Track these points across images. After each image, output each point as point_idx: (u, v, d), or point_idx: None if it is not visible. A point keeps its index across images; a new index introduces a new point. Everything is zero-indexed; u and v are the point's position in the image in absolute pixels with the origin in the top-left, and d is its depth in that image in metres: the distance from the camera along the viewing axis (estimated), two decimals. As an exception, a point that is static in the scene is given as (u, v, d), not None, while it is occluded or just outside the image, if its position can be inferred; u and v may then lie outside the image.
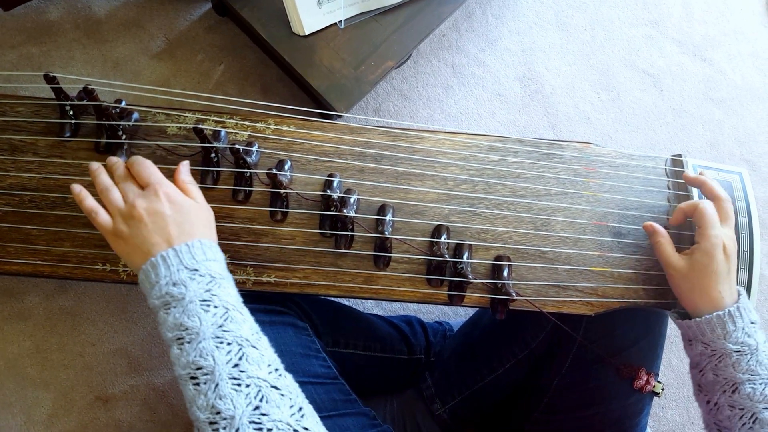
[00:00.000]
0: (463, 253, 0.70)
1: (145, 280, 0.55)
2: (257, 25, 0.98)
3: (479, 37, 1.28)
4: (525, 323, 0.81)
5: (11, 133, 0.72)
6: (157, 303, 0.53)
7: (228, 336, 0.51)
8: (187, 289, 0.52)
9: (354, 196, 0.70)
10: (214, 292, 0.53)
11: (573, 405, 0.78)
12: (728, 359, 0.62)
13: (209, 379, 0.49)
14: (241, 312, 0.54)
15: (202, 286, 0.53)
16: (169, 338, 0.52)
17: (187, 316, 0.51)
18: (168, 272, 0.53)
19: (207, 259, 0.56)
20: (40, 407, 0.96)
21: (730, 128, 1.31)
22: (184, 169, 0.63)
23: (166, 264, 0.54)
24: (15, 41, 1.10)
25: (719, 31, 1.39)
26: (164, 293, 0.53)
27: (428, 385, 0.87)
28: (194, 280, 0.53)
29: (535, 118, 1.25)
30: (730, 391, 0.62)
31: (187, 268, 0.54)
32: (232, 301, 0.54)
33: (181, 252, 0.54)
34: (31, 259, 0.69)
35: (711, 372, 0.64)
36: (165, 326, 0.53)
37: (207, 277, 0.54)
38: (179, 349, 0.51)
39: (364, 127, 0.75)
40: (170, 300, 0.53)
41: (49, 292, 1.01)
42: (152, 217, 0.56)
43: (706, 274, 0.64)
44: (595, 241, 0.73)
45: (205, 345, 0.50)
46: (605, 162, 0.77)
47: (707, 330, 0.64)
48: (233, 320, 0.52)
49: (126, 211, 0.57)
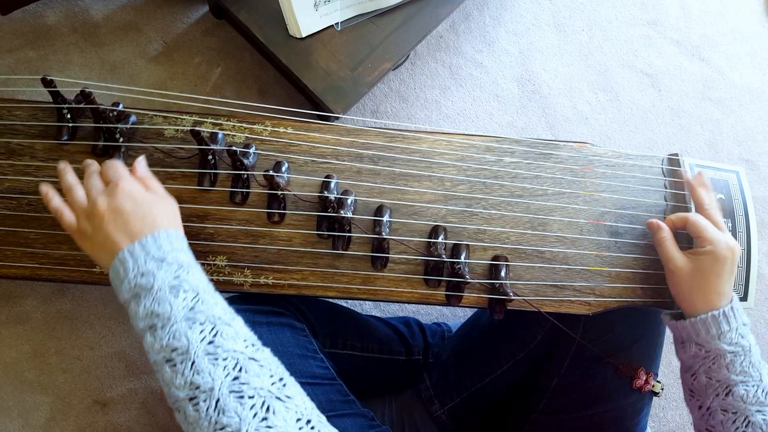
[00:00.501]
0: (460, 254, 0.70)
1: (115, 277, 0.54)
2: (254, 27, 0.98)
3: (477, 38, 1.28)
4: (523, 323, 0.81)
5: (9, 136, 0.72)
6: (127, 297, 0.53)
7: (200, 316, 0.51)
8: (155, 278, 0.52)
9: (351, 197, 0.70)
10: (183, 278, 0.53)
11: (572, 405, 0.77)
12: (722, 360, 0.62)
13: (185, 357, 0.48)
14: (213, 296, 0.54)
15: (170, 273, 0.53)
16: (141, 328, 0.52)
17: (158, 303, 0.51)
18: (135, 264, 0.53)
19: (173, 249, 0.55)
20: (38, 411, 0.96)
21: (729, 128, 1.31)
22: (140, 165, 0.63)
23: (134, 257, 0.53)
24: (12, 45, 1.10)
25: (717, 30, 1.39)
26: (133, 285, 0.52)
27: (427, 386, 0.87)
28: (161, 269, 0.53)
29: (532, 119, 1.25)
30: (723, 394, 0.62)
31: (154, 259, 0.53)
32: (202, 285, 0.54)
33: (147, 243, 0.54)
34: (29, 263, 0.69)
35: (704, 375, 0.63)
36: (136, 317, 0.52)
37: (174, 264, 0.54)
38: (152, 337, 0.50)
39: (361, 128, 0.75)
40: (139, 291, 0.52)
41: (46, 295, 1.00)
42: (113, 214, 0.56)
43: (711, 276, 0.64)
44: (593, 241, 0.73)
45: (177, 327, 0.50)
46: (602, 162, 0.77)
47: (702, 330, 0.63)
48: (205, 302, 0.52)
49: (88, 209, 0.57)
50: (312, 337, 0.75)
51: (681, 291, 0.66)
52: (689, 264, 0.66)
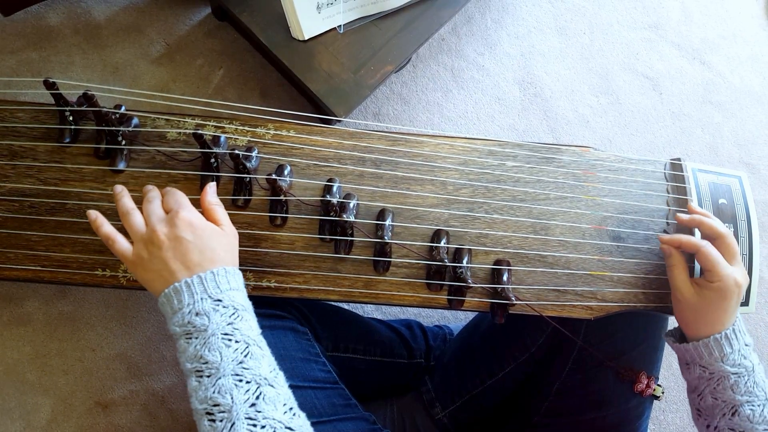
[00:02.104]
0: (462, 258, 0.70)
1: (167, 304, 0.54)
2: (256, 29, 0.98)
3: (478, 41, 1.28)
4: (525, 327, 0.81)
5: (11, 138, 0.72)
6: (178, 330, 0.53)
7: (247, 374, 0.51)
8: (210, 321, 0.52)
9: (353, 201, 0.70)
10: (237, 325, 0.53)
11: (573, 409, 0.77)
12: (727, 382, 0.63)
13: (226, 417, 0.49)
14: (261, 347, 0.54)
15: (225, 318, 0.53)
16: (187, 369, 0.52)
17: (208, 350, 0.51)
18: (192, 300, 0.53)
19: (231, 289, 0.55)
20: (39, 413, 0.96)
21: (730, 131, 1.31)
22: (210, 190, 0.63)
23: (190, 291, 0.53)
24: (14, 46, 1.10)
25: (718, 34, 1.39)
26: (186, 322, 0.53)
27: (428, 389, 0.87)
28: (217, 311, 0.53)
29: (534, 122, 1.25)
30: (729, 414, 0.62)
31: (210, 298, 0.54)
32: (252, 335, 0.54)
33: (206, 280, 0.54)
34: (31, 265, 0.69)
35: (710, 395, 0.64)
36: (185, 355, 0.52)
37: (230, 308, 0.54)
38: (197, 382, 0.51)
39: (364, 131, 0.75)
40: (192, 330, 0.52)
41: (48, 297, 1.01)
42: (173, 243, 0.56)
43: (716, 309, 0.64)
44: (595, 245, 0.73)
45: (224, 382, 0.50)
46: (604, 166, 0.77)
47: (705, 353, 0.64)
48: (253, 356, 0.52)
49: (147, 236, 0.57)
50: (314, 341, 0.75)
51: (685, 317, 0.67)
52: (696, 296, 0.65)
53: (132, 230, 0.58)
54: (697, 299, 0.65)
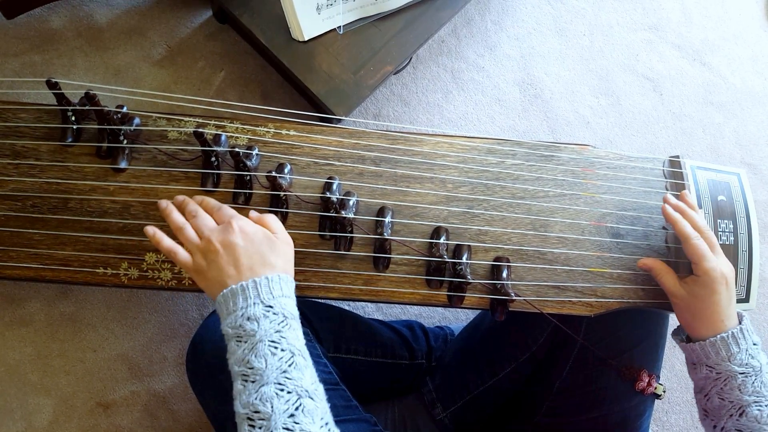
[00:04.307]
0: (462, 255, 0.70)
1: (222, 305, 0.56)
2: (257, 31, 0.99)
3: (478, 42, 1.28)
4: (526, 326, 0.81)
5: (14, 138, 0.72)
6: (230, 332, 0.55)
7: (289, 384, 0.52)
8: (259, 327, 0.54)
9: (353, 199, 0.70)
10: (284, 333, 0.55)
11: (575, 408, 0.77)
12: (734, 381, 0.63)
13: (264, 425, 0.50)
14: (305, 357, 0.56)
15: (274, 326, 0.55)
16: (235, 371, 0.54)
17: (255, 355, 0.53)
18: (245, 303, 0.55)
19: (283, 295, 0.57)
20: (41, 413, 0.96)
21: (731, 132, 1.31)
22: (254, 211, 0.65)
23: (245, 295, 0.55)
24: (18, 49, 1.11)
25: (718, 35, 1.39)
26: (238, 325, 0.54)
27: (429, 390, 0.87)
28: (267, 317, 0.55)
29: (534, 123, 1.25)
30: (737, 415, 0.62)
31: (262, 303, 0.55)
32: (298, 345, 0.56)
33: (260, 285, 0.56)
34: (33, 264, 0.70)
35: (717, 396, 0.64)
36: (234, 357, 0.54)
37: (280, 316, 0.55)
38: (242, 386, 0.53)
39: (364, 130, 0.76)
40: (242, 334, 0.54)
41: (50, 298, 1.01)
42: (226, 249, 0.58)
43: (708, 305, 0.65)
44: (594, 242, 0.73)
45: (266, 390, 0.51)
46: (603, 163, 0.77)
47: (711, 352, 0.64)
48: (297, 367, 0.54)
49: (203, 246, 0.59)
50: (316, 342, 0.75)
51: (684, 317, 0.68)
52: (688, 295, 0.66)
53: (188, 242, 0.60)
54: (689, 298, 0.66)
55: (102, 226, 0.70)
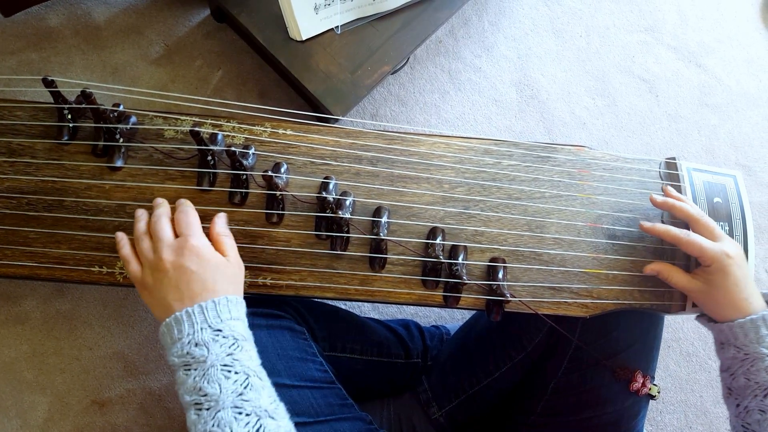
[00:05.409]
0: (458, 255, 0.70)
1: (167, 334, 0.54)
2: (255, 30, 0.99)
3: (475, 43, 1.28)
4: (521, 326, 0.81)
5: (9, 136, 0.72)
6: (176, 361, 0.53)
7: (247, 406, 0.50)
8: (209, 352, 0.52)
9: (350, 199, 0.70)
10: (236, 356, 0.53)
11: (570, 408, 0.78)
12: (761, 363, 0.63)
13: None
14: (261, 377, 0.54)
15: (225, 349, 0.52)
16: (186, 401, 0.51)
17: (207, 381, 0.50)
18: (192, 330, 0.53)
19: (231, 318, 0.55)
20: (36, 411, 0.96)
21: (726, 133, 1.32)
22: (219, 221, 0.63)
23: (191, 321, 0.53)
24: (15, 47, 1.11)
25: (714, 37, 1.40)
26: (185, 353, 0.52)
27: (425, 389, 0.87)
28: (217, 341, 0.52)
29: (531, 124, 1.25)
30: (762, 396, 0.62)
31: (210, 327, 0.53)
32: (252, 366, 0.53)
33: (207, 309, 0.54)
34: (27, 262, 0.69)
35: (743, 376, 0.64)
36: (183, 387, 0.52)
37: (230, 339, 0.53)
38: (196, 415, 0.50)
39: (361, 130, 0.76)
40: (191, 361, 0.52)
41: (46, 295, 1.01)
42: (177, 272, 0.56)
43: (726, 288, 0.65)
44: (590, 243, 0.73)
45: (223, 415, 0.49)
46: (599, 165, 0.77)
47: (740, 334, 0.64)
48: (253, 388, 0.52)
49: (153, 262, 0.57)
50: (312, 341, 0.75)
51: (708, 307, 0.68)
52: (703, 285, 0.67)
53: (141, 255, 0.59)
54: (706, 287, 0.66)
55: (97, 225, 0.70)
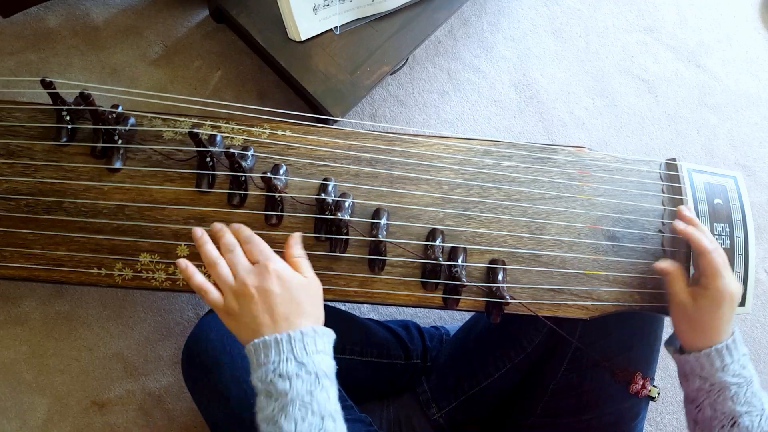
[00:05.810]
0: (457, 257, 0.70)
1: (253, 354, 0.55)
2: (254, 31, 0.99)
3: (474, 43, 1.28)
4: (521, 327, 0.81)
5: (8, 137, 0.72)
6: (260, 386, 0.54)
7: None
8: (290, 387, 0.52)
9: (349, 200, 0.70)
10: (316, 395, 0.53)
11: (569, 409, 0.78)
12: (727, 392, 0.62)
13: None
14: (334, 419, 0.54)
15: (306, 386, 0.53)
16: (263, 429, 0.53)
17: (285, 417, 0.51)
18: (278, 359, 0.53)
19: (317, 351, 0.55)
20: (35, 412, 0.96)
21: (725, 133, 1.32)
22: (295, 243, 0.63)
23: (278, 348, 0.54)
24: (13, 48, 1.11)
25: (713, 37, 1.40)
26: (269, 380, 0.53)
27: (425, 390, 0.87)
28: (300, 377, 0.53)
29: (530, 124, 1.25)
30: (729, 426, 0.62)
31: (296, 360, 0.53)
32: (330, 408, 0.54)
33: (294, 340, 0.54)
34: (26, 264, 0.69)
35: (709, 407, 0.64)
36: (262, 414, 0.53)
37: (312, 375, 0.54)
38: None
39: (360, 131, 0.76)
40: (272, 390, 0.53)
41: (45, 296, 1.01)
42: (262, 296, 0.56)
43: (710, 318, 0.64)
44: (590, 245, 0.73)
45: None
46: (599, 166, 0.77)
47: (706, 364, 0.64)
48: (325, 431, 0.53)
49: (237, 288, 0.57)
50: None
51: (681, 326, 0.67)
52: (692, 302, 0.65)
53: (221, 281, 0.58)
54: (692, 308, 0.65)
55: (96, 227, 0.70)
